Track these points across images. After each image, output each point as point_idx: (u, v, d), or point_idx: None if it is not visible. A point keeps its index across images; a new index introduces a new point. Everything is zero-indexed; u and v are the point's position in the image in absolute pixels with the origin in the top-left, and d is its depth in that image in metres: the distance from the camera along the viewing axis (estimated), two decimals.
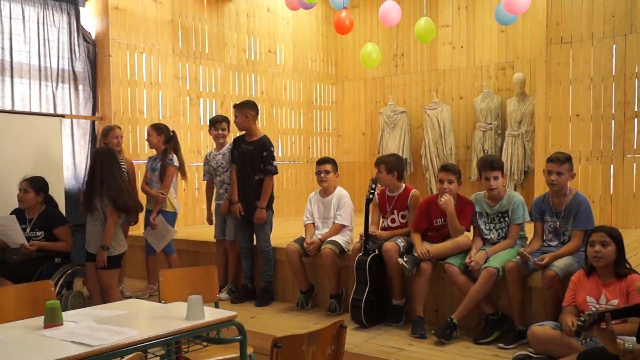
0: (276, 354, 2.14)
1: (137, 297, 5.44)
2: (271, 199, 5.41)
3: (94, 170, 4.67)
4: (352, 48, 9.68)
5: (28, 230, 4.96)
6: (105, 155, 4.74)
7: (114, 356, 2.23)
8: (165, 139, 5.67)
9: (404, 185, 4.96)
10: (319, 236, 5.10)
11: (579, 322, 2.34)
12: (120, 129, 5.84)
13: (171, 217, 5.68)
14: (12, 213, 5.02)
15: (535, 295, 4.17)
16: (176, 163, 5.67)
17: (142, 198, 5.81)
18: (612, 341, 2.31)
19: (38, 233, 4.97)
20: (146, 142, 5.92)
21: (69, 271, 5.03)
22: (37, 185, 5.03)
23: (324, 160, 5.25)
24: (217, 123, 5.74)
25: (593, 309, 2.35)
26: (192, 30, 7.78)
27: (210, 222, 5.87)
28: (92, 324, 2.57)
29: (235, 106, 5.52)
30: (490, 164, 4.39)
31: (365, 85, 9.73)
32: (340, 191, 5.22)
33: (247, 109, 5.40)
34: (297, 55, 9.30)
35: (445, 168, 4.62)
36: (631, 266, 3.53)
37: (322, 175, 5.14)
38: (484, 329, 4.22)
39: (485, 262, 4.22)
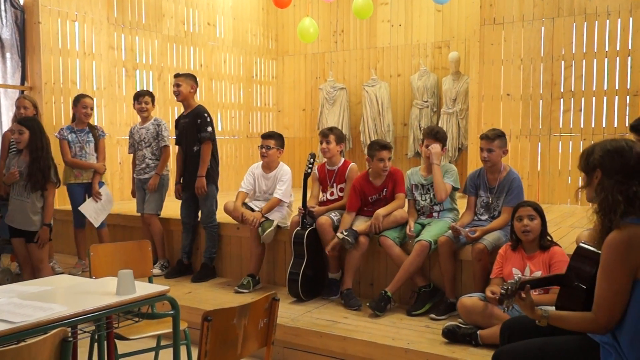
0: (207, 328, 2.14)
1: (70, 274, 5.31)
2: (215, 174, 5.39)
3: (39, 144, 4.51)
4: (293, 23, 9.59)
5: None
6: (40, 127, 4.59)
7: (38, 333, 2.18)
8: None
9: (343, 158, 5.01)
10: (257, 209, 5.06)
11: (502, 291, 2.45)
12: (27, 99, 5.58)
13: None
14: None
15: (465, 268, 4.32)
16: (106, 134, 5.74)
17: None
18: (530, 308, 2.43)
19: None
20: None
21: None
22: None
23: (267, 135, 5.16)
24: (140, 97, 5.65)
25: (516, 278, 2.46)
26: None
27: (134, 195, 5.81)
28: (17, 300, 2.49)
29: (181, 75, 5.43)
30: (435, 134, 4.49)
31: (305, 60, 9.69)
32: (282, 167, 5.17)
33: (190, 79, 5.39)
34: (237, 28, 9.16)
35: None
36: (552, 239, 3.71)
37: (264, 150, 5.10)
38: (417, 301, 4.34)
39: (418, 235, 4.34)
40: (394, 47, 8.86)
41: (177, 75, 5.43)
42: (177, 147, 5.59)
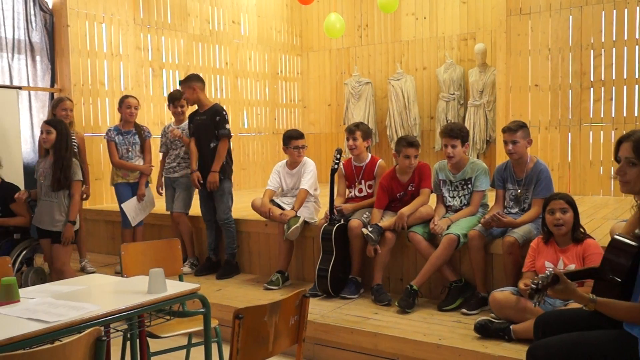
0: (238, 325, 2.15)
1: (116, 273, 5.38)
2: (229, 168, 5.39)
3: (64, 144, 4.59)
4: (317, 19, 9.58)
5: None
6: (66, 128, 4.67)
7: (72, 332, 2.20)
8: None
9: (370, 155, 4.98)
10: (288, 207, 5.06)
11: (532, 285, 2.39)
12: (70, 101, 5.70)
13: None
14: None
15: (496, 262, 4.26)
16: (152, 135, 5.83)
17: (107, 172, 5.77)
18: (573, 292, 2.37)
19: None
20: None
21: (29, 247, 4.94)
22: None
23: (300, 135, 5.13)
24: (175, 100, 5.69)
25: (547, 272, 2.40)
26: (154, 0, 7.60)
27: (159, 191, 5.91)
28: (50, 300, 2.52)
29: (180, 82, 5.45)
30: (449, 132, 4.40)
31: (330, 56, 9.67)
32: (306, 160, 5.19)
33: (192, 82, 5.35)
34: (262, 25, 9.18)
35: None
36: (585, 231, 3.64)
37: (301, 150, 5.09)
38: (448, 296, 4.29)
39: (447, 228, 4.29)
40: (419, 40, 8.78)
41: (180, 83, 5.43)
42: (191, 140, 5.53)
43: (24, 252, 4.90)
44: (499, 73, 7.40)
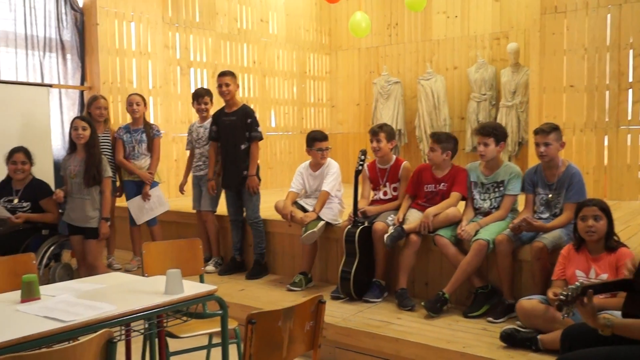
0: (251, 330, 2.10)
1: (126, 270, 5.44)
2: (257, 167, 5.37)
3: (96, 141, 4.70)
4: (346, 17, 9.48)
5: (15, 201, 4.92)
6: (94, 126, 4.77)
7: (88, 332, 2.19)
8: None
9: (394, 156, 4.90)
10: (309, 207, 5.01)
11: (562, 297, 2.30)
12: (104, 99, 5.72)
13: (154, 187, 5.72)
14: None
15: (525, 268, 4.14)
16: (161, 133, 5.78)
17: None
18: (592, 316, 2.28)
19: (24, 204, 4.92)
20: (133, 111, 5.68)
21: (57, 243, 5.00)
22: (29, 155, 5.01)
23: (324, 137, 5.08)
24: (199, 97, 5.67)
25: (577, 283, 2.31)
26: None
27: (181, 190, 5.92)
28: (69, 298, 2.53)
29: (227, 73, 5.33)
30: (480, 130, 4.36)
31: (359, 55, 9.58)
32: (329, 162, 5.12)
33: (235, 78, 5.36)
34: (290, 24, 9.14)
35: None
36: (619, 239, 3.49)
37: (325, 152, 5.04)
38: (473, 302, 4.19)
39: (476, 234, 4.17)
40: (450, 39, 8.64)
41: (224, 74, 5.31)
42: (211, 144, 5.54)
43: (52, 248, 4.95)
44: (532, 73, 7.21)
